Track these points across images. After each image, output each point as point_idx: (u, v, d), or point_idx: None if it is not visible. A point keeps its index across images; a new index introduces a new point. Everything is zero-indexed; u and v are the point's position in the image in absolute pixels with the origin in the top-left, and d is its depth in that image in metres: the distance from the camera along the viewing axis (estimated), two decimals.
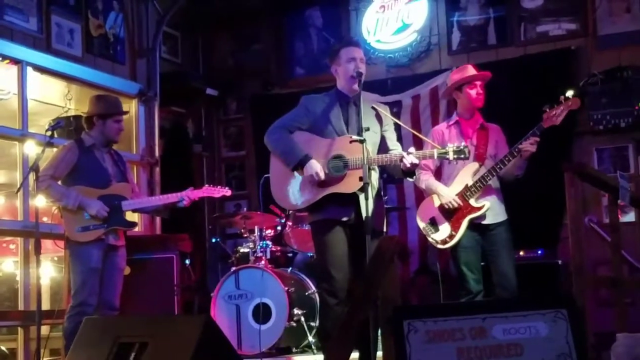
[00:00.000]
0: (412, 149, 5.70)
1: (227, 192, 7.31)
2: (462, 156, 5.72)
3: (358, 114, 5.66)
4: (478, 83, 6.76)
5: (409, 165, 5.59)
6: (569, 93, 6.49)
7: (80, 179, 6.78)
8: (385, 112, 5.95)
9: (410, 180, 5.95)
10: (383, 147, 5.90)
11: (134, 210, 7.31)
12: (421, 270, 9.32)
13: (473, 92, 6.76)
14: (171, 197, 7.06)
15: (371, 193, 5.56)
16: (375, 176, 5.80)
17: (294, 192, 5.78)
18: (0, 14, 7.96)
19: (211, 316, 7.34)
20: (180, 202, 7.01)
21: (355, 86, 5.74)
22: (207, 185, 7.31)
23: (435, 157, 5.82)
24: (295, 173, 5.75)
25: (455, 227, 6.61)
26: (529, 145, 6.42)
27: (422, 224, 6.82)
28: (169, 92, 10.04)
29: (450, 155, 5.71)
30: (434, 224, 6.73)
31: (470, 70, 6.83)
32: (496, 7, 9.53)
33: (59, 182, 6.79)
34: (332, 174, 5.65)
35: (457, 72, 6.96)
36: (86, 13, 8.98)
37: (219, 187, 7.31)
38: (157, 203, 7.15)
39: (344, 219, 5.67)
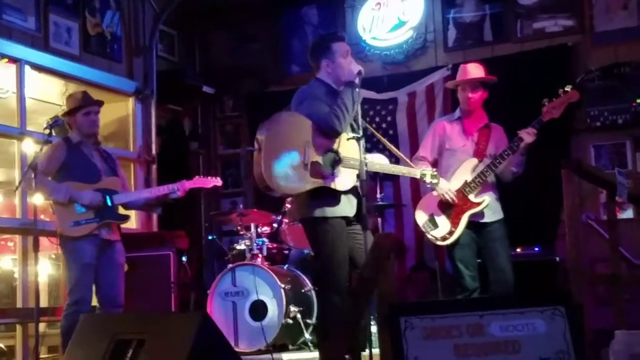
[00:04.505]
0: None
1: (218, 182, 7.29)
2: (435, 181, 6.29)
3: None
4: (468, 88, 6.77)
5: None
6: (568, 87, 6.49)
7: (70, 175, 6.71)
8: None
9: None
10: None
11: (125, 205, 7.19)
12: (418, 267, 9.34)
13: (462, 96, 6.81)
14: (162, 189, 7.01)
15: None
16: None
17: (285, 173, 5.44)
18: None
19: (208, 313, 7.34)
20: (173, 194, 6.97)
21: (357, 81, 5.59)
22: (197, 176, 7.27)
23: (418, 176, 6.22)
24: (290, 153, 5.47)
25: (454, 224, 6.60)
26: (526, 134, 6.41)
27: (421, 221, 6.80)
28: (166, 90, 10.05)
29: (428, 179, 6.23)
30: (433, 220, 6.72)
31: (470, 71, 6.81)
32: (492, 4, 9.52)
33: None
34: (326, 167, 5.55)
35: (473, 67, 6.93)
36: (83, 12, 9.00)
37: (209, 177, 7.28)
38: (149, 195, 7.10)
39: (348, 215, 5.60)
